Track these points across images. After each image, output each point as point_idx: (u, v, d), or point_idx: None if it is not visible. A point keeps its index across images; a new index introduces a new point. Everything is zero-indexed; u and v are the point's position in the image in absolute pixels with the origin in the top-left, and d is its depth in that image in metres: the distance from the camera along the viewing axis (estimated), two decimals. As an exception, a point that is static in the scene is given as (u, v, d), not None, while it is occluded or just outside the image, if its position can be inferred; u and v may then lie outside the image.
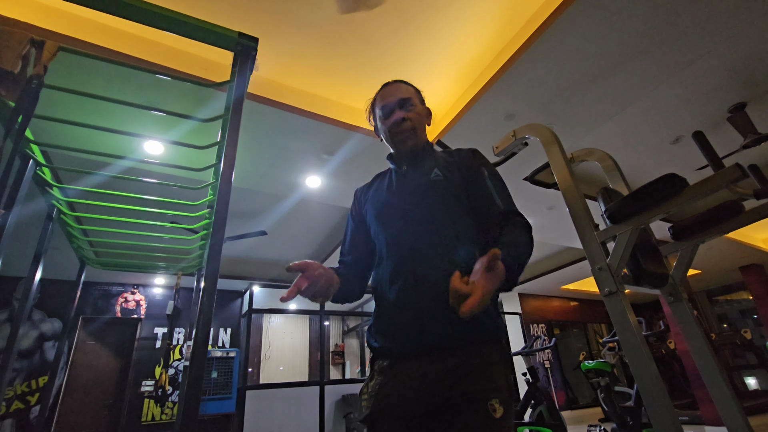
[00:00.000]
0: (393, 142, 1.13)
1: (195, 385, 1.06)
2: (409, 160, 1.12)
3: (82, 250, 2.67)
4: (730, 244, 5.80)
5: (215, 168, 1.99)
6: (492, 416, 0.80)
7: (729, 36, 2.33)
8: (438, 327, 0.87)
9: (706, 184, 1.24)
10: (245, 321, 5.97)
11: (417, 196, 1.04)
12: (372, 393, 0.92)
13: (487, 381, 0.84)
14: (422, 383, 0.86)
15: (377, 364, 0.96)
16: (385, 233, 1.04)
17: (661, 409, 1.16)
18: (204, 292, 1.15)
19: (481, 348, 0.88)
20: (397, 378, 0.89)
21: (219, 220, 1.27)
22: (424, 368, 0.87)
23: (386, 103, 1.13)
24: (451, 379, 0.84)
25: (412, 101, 1.13)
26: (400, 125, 1.10)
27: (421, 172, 1.08)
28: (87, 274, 2.85)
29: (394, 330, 0.93)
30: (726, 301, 8.73)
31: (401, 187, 1.08)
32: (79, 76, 2.18)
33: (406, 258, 0.96)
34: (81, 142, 2.65)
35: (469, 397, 0.82)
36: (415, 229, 0.99)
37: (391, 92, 1.14)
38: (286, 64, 2.55)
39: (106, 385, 5.24)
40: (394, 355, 0.93)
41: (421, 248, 0.96)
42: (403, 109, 1.11)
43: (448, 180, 1.04)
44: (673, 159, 3.73)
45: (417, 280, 0.92)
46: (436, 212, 1.00)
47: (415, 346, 0.89)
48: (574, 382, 7.87)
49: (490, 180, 1.05)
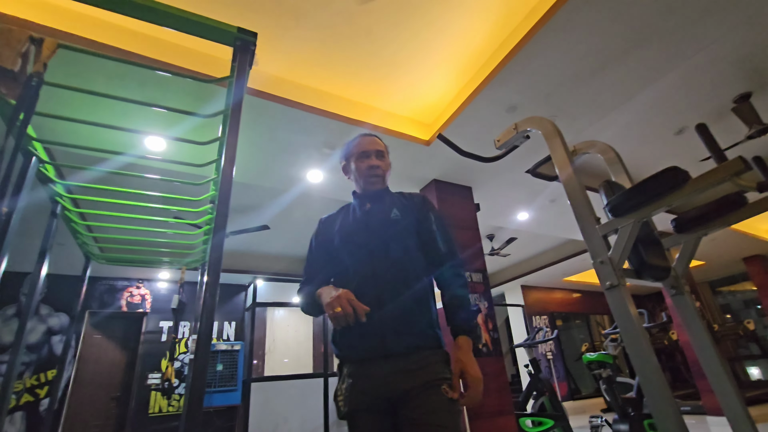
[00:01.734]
0: (364, 182, 1.36)
1: (199, 377, 1.08)
2: (373, 200, 1.35)
3: (86, 245, 2.69)
4: (734, 235, 5.78)
5: (217, 163, 1.99)
6: (446, 397, 1.05)
7: (734, 25, 2.30)
8: (396, 338, 1.11)
9: (709, 177, 1.23)
10: (249, 314, 6.03)
11: (379, 231, 1.26)
12: (346, 394, 1.12)
13: (436, 372, 1.09)
14: (385, 381, 1.08)
15: (345, 369, 1.17)
16: (351, 260, 1.24)
17: (661, 401, 1.17)
18: (207, 286, 1.16)
19: (427, 352, 1.13)
20: (364, 379, 1.11)
21: (221, 215, 1.27)
22: (385, 369, 1.09)
23: (366, 150, 1.37)
24: (407, 375, 1.07)
25: (384, 154, 1.40)
26: (375, 170, 1.35)
27: (382, 210, 1.31)
28: (92, 269, 2.88)
29: (359, 341, 1.14)
30: (729, 292, 8.72)
31: (365, 222, 1.30)
32: (80, 73, 2.17)
33: (369, 282, 1.17)
34: (83, 138, 2.65)
35: (425, 385, 1.06)
36: (377, 258, 1.21)
37: (370, 143, 1.39)
38: (287, 59, 2.54)
39: (114, 378, 5.32)
40: (358, 360, 1.14)
41: (382, 274, 1.18)
42: (378, 159, 1.37)
43: (404, 220, 1.28)
44: (677, 150, 3.71)
45: (379, 301, 1.13)
46: (394, 245, 1.23)
47: (375, 353, 1.11)
48: (577, 373, 7.90)
49: (435, 224, 1.32)
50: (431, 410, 1.02)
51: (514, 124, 1.93)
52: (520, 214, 4.66)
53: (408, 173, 3.47)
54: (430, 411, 1.02)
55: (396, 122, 2.97)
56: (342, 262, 1.27)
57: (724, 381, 1.44)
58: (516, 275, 7.61)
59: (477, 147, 3.04)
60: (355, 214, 1.35)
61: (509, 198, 4.20)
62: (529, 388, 3.77)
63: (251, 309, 5.96)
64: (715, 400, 4.86)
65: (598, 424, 3.81)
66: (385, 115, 2.96)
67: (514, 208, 4.49)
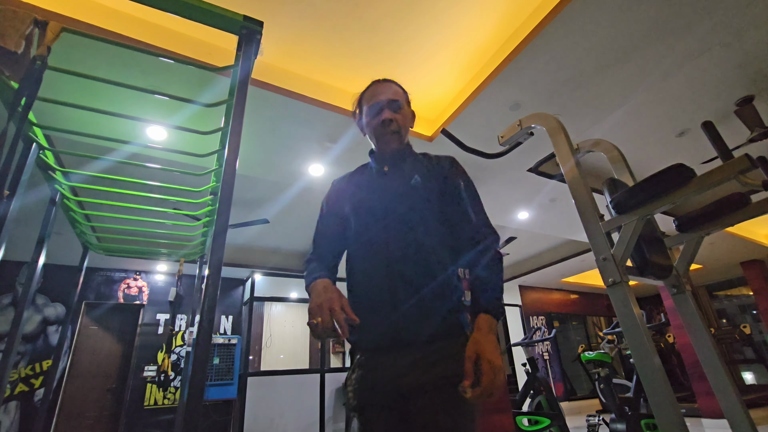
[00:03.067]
0: (378, 142, 1.16)
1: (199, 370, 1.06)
2: (391, 162, 1.16)
3: (84, 235, 2.67)
4: (732, 239, 5.79)
5: (218, 154, 1.98)
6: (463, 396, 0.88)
7: (739, 27, 2.30)
8: (412, 326, 0.97)
9: (715, 175, 1.23)
10: (247, 309, 6.01)
11: (398, 200, 1.08)
12: (356, 386, 1.01)
13: (456, 368, 0.91)
14: (398, 375, 0.95)
15: (356, 358, 1.05)
16: (364, 232, 1.08)
17: (663, 398, 1.16)
18: (208, 279, 1.15)
19: (448, 342, 0.97)
20: (375, 371, 0.99)
21: (223, 206, 1.26)
22: (399, 361, 0.96)
23: (376, 101, 1.15)
24: (425, 368, 0.94)
25: (400, 103, 1.16)
26: (388, 126, 1.12)
27: (402, 176, 1.13)
28: (90, 259, 2.86)
29: (369, 327, 0.99)
30: (726, 297, 8.74)
31: (382, 188, 1.12)
32: (82, 59, 2.16)
33: (383, 258, 1.02)
34: (84, 126, 2.63)
35: (442, 381, 0.92)
36: (394, 232, 1.04)
37: (381, 90, 1.16)
38: (290, 50, 2.53)
39: (109, 370, 5.30)
40: (370, 349, 1.02)
41: (399, 251, 1.02)
42: (390, 110, 1.13)
43: (426, 188, 1.10)
44: (679, 152, 3.70)
45: (393, 281, 0.99)
46: (414, 218, 1.05)
47: (390, 341, 0.98)
48: (573, 373, 7.93)
49: (465, 192, 1.12)
50: (446, 411, 0.90)
51: (519, 121, 1.93)
52: (521, 213, 4.66)
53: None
54: (445, 412, 0.90)
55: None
56: (354, 234, 1.11)
57: (724, 380, 1.44)
58: (514, 275, 7.62)
59: (479, 144, 3.03)
60: (371, 179, 1.17)
61: (510, 196, 4.19)
62: (526, 387, 3.78)
63: (249, 303, 5.95)
64: (711, 402, 4.88)
65: (595, 423, 3.83)
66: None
67: (514, 206, 4.48)
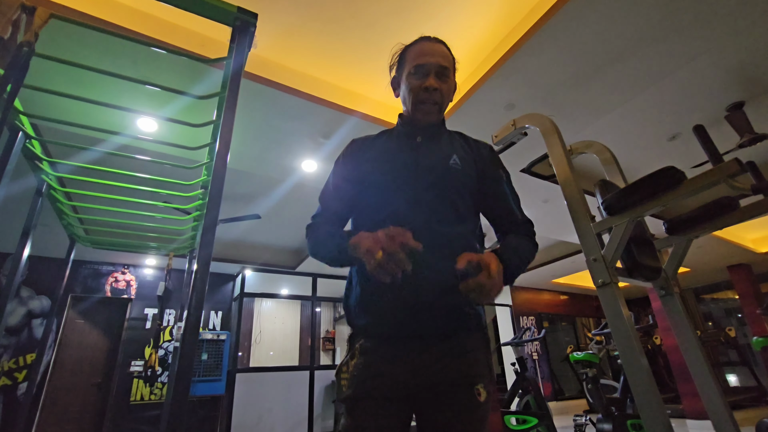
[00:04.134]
0: (415, 109, 1.03)
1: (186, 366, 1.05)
2: (425, 134, 1.04)
3: (72, 227, 2.63)
4: (719, 243, 5.88)
5: (210, 147, 1.95)
6: (477, 400, 0.86)
7: (730, 33, 2.32)
8: (432, 315, 0.88)
9: (705, 178, 1.24)
10: (237, 304, 5.98)
11: (432, 177, 0.97)
12: (354, 373, 0.89)
13: (472, 367, 0.88)
14: (409, 367, 0.87)
15: (359, 344, 0.93)
16: (387, 205, 0.95)
17: (649, 399, 1.17)
18: (197, 275, 1.13)
19: (466, 337, 0.92)
20: (384, 360, 0.88)
21: (213, 200, 1.24)
22: (413, 353, 0.88)
23: (424, 62, 1.01)
24: (440, 365, 0.87)
25: (449, 72, 1.05)
26: (432, 94, 1.00)
27: (438, 152, 1.01)
28: (77, 252, 2.82)
29: (384, 312, 0.90)
30: (712, 300, 8.88)
31: (415, 160, 0.99)
32: (71, 47, 2.11)
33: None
34: (72, 116, 2.59)
35: (457, 382, 0.86)
36: (423, 211, 0.93)
37: (431, 51, 1.03)
38: (284, 44, 2.50)
39: (95, 364, 5.23)
40: (381, 337, 0.91)
41: (427, 233, 0.88)
42: (438, 78, 1.02)
43: (465, 173, 1.00)
44: (670, 156, 3.74)
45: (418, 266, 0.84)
46: (448, 201, 0.96)
47: (406, 330, 0.88)
48: (561, 374, 8.00)
49: (507, 186, 1.06)
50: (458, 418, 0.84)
51: (513, 121, 1.92)
52: (512, 214, 4.68)
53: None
54: (458, 419, 0.84)
55: (394, 114, 2.95)
56: (372, 204, 0.98)
57: (709, 382, 1.46)
58: (505, 275, 7.66)
59: (473, 144, 3.03)
60: (401, 146, 1.03)
61: (502, 197, 4.21)
62: (514, 387, 3.80)
63: (239, 299, 5.91)
64: (695, 404, 4.96)
65: (582, 423, 3.86)
66: (383, 106, 2.94)
67: (506, 207, 4.50)
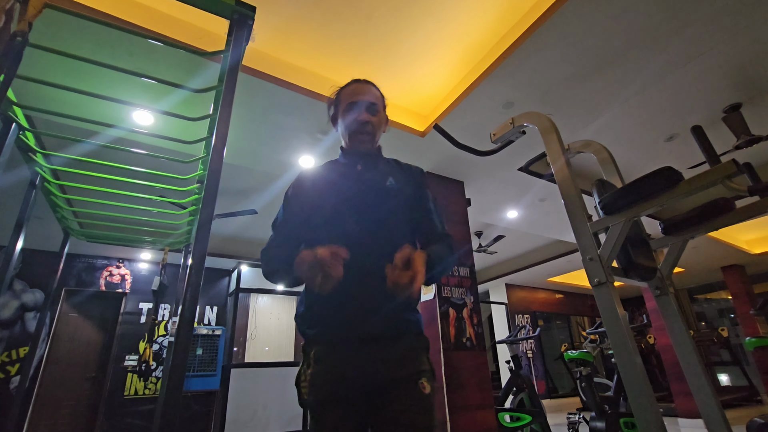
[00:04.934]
0: (351, 140, 1.17)
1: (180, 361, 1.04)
2: (364, 161, 1.18)
3: (66, 220, 2.61)
4: (714, 244, 5.92)
5: (206, 141, 1.94)
6: (423, 392, 0.96)
7: (729, 35, 2.32)
8: (378, 320, 0.98)
9: (702, 179, 1.24)
10: (232, 300, 5.96)
11: (373, 197, 1.11)
12: (312, 381, 0.98)
13: (416, 365, 0.99)
14: (360, 369, 0.96)
15: (313, 351, 1.01)
16: (336, 224, 1.07)
17: (643, 398, 1.18)
18: (192, 270, 1.12)
19: (408, 340, 1.03)
20: (336, 365, 0.97)
21: (209, 194, 1.23)
22: (361, 356, 0.97)
23: (356, 100, 1.16)
24: (387, 365, 0.97)
25: (378, 107, 1.19)
26: (365, 127, 1.15)
27: (377, 176, 1.16)
28: (71, 245, 2.79)
29: (334, 319, 1.00)
30: (705, 300, 8.95)
31: (358, 184, 1.13)
32: (66, 37, 2.09)
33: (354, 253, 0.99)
34: (67, 108, 2.56)
35: (404, 378, 0.97)
36: (365, 228, 1.05)
37: (361, 91, 1.18)
38: (283, 38, 2.48)
39: (89, 358, 5.21)
40: (332, 343, 1.00)
41: (371, 247, 1.03)
42: (369, 112, 1.16)
43: (400, 191, 1.14)
44: (666, 157, 3.76)
45: (364, 275, 0.98)
46: (388, 217, 1.09)
47: (354, 335, 0.98)
48: (555, 372, 8.05)
49: (432, 202, 1.22)
50: (408, 408, 0.94)
51: (511, 119, 1.92)
52: (510, 212, 4.69)
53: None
54: (408, 409, 0.94)
55: (391, 111, 2.91)
56: (320, 226, 1.09)
57: (702, 382, 1.47)
58: (501, 273, 7.69)
59: (471, 141, 3.00)
60: (345, 174, 1.17)
61: (500, 195, 4.21)
62: (509, 384, 3.81)
63: (234, 295, 5.90)
64: (687, 402, 5.00)
65: (575, 421, 3.89)
66: (380, 103, 2.92)
67: (504, 205, 4.51)
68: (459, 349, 3.03)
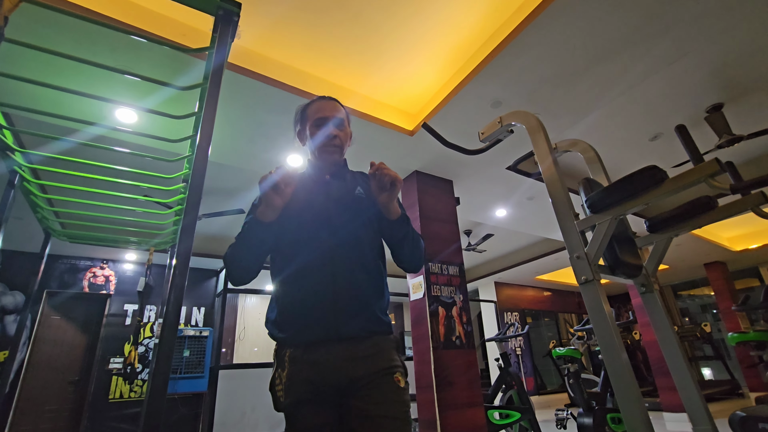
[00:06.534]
0: (319, 153, 1.22)
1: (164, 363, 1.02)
2: (332, 172, 1.24)
3: (47, 220, 2.54)
4: (697, 241, 6.04)
5: (192, 140, 1.91)
6: (398, 385, 1.02)
7: (712, 36, 2.37)
8: (350, 320, 1.03)
9: (686, 177, 1.25)
10: (220, 300, 5.89)
11: (342, 205, 1.17)
12: (288, 383, 1.01)
13: (389, 361, 1.04)
14: (335, 368, 0.99)
15: (288, 353, 1.04)
16: (305, 231, 1.12)
17: (629, 393, 1.19)
18: (176, 270, 1.10)
19: (380, 338, 1.07)
20: (310, 365, 1.00)
21: (194, 194, 1.21)
22: (335, 354, 1.00)
23: (324, 116, 1.22)
24: (361, 362, 1.01)
25: (344, 123, 1.26)
26: (333, 140, 1.21)
27: (345, 185, 1.22)
28: (53, 246, 2.72)
29: (306, 321, 1.03)
30: (689, 296, 9.14)
31: (327, 193, 1.19)
32: (45, 34, 2.03)
33: (326, 258, 1.08)
34: (46, 105, 2.49)
35: (379, 373, 1.01)
36: (335, 233, 1.11)
37: (329, 108, 1.24)
38: (270, 36, 2.45)
39: (72, 362, 5.10)
40: (306, 344, 1.02)
41: (340, 251, 1.09)
42: (335, 126, 1.22)
43: (368, 200, 1.20)
44: (651, 156, 3.82)
45: (335, 278, 1.05)
46: (357, 224, 1.15)
47: (327, 335, 1.02)
48: (543, 369, 8.14)
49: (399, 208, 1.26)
50: (383, 400, 0.98)
51: (499, 118, 1.92)
52: (498, 211, 4.72)
53: (390, 163, 3.42)
54: (383, 401, 0.97)
55: (380, 110, 2.93)
56: (293, 233, 1.14)
57: (686, 377, 1.49)
58: (490, 272, 7.74)
59: (460, 140, 3.01)
60: (314, 183, 1.22)
61: (489, 194, 4.24)
62: (498, 382, 3.84)
63: (222, 295, 5.83)
64: (672, 397, 5.10)
65: (563, 417, 3.93)
66: (369, 101, 2.91)
67: (492, 204, 4.53)
68: (448, 347, 3.04)
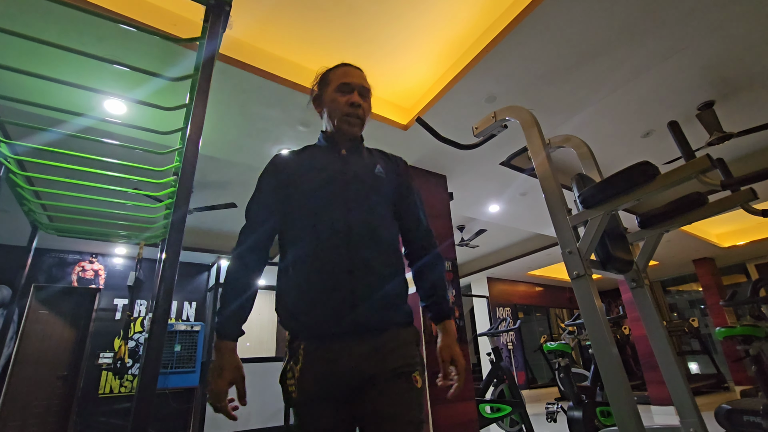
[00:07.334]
0: (339, 121, 1.11)
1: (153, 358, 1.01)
2: (348, 146, 1.14)
3: (34, 213, 2.50)
4: (686, 238, 6.11)
5: (182, 132, 1.88)
6: (415, 386, 0.94)
7: (705, 33, 2.38)
8: (369, 310, 0.94)
9: (677, 173, 1.26)
10: (212, 295, 5.85)
11: (361, 183, 1.06)
12: (301, 378, 0.92)
13: (408, 357, 0.96)
14: (353, 364, 0.91)
15: (303, 346, 0.95)
16: (322, 210, 1.01)
17: (618, 387, 1.20)
18: (165, 264, 1.09)
19: (401, 330, 0.99)
20: (326, 360, 0.92)
21: (184, 187, 1.20)
22: (353, 348, 0.92)
23: (350, 81, 1.13)
24: (378, 357, 0.93)
25: (369, 94, 1.17)
26: (357, 110, 1.11)
27: (363, 162, 1.12)
28: (40, 240, 2.68)
29: (323, 309, 0.94)
30: (677, 292, 9.26)
31: (343, 169, 1.08)
32: (30, 21, 1.98)
33: (342, 241, 0.97)
34: (33, 95, 2.44)
35: (397, 370, 0.93)
36: (354, 213, 1.01)
37: (356, 74, 1.16)
38: (263, 27, 2.42)
39: (60, 357, 5.04)
40: (322, 337, 0.94)
41: (361, 235, 0.99)
42: (360, 95, 1.13)
43: (388, 180, 1.12)
44: (643, 152, 3.85)
45: (354, 263, 0.95)
46: (377, 205, 1.06)
47: (345, 326, 0.93)
48: (534, 363, 8.22)
49: (417, 197, 1.21)
50: (399, 402, 0.90)
51: (493, 113, 1.92)
52: (492, 206, 4.73)
53: (383, 158, 3.43)
54: (398, 402, 0.90)
55: (374, 104, 2.88)
56: (305, 211, 1.03)
57: (675, 371, 1.51)
58: (482, 267, 7.78)
59: (454, 135, 3.00)
60: (328, 157, 1.11)
61: (482, 189, 4.24)
62: (490, 376, 3.87)
63: (213, 290, 5.79)
64: (660, 391, 5.18)
65: (553, 411, 3.98)
66: (363, 96, 2.89)
67: (486, 199, 4.54)
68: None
